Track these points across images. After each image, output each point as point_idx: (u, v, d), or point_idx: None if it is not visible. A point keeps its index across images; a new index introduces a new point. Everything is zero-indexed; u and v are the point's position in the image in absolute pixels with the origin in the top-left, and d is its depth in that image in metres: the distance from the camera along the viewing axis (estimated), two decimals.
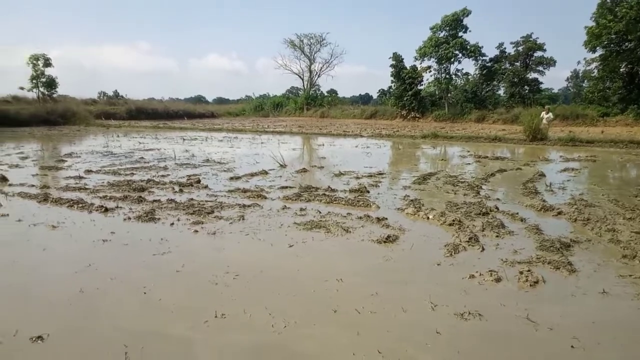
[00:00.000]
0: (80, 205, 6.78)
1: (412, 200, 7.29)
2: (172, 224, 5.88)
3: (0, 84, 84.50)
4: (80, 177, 9.40)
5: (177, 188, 8.24)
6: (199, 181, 8.91)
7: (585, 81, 43.66)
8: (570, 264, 4.42)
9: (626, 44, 29.89)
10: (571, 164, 12.39)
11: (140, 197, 7.30)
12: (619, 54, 30.67)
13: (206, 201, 7.14)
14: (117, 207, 6.73)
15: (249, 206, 6.87)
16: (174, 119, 40.27)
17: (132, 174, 9.99)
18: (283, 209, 6.75)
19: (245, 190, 8.06)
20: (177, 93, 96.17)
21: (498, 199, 7.65)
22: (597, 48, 31.55)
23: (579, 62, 50.34)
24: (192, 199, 7.26)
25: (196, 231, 5.57)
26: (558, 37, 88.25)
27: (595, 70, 34.50)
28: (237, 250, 4.97)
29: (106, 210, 6.52)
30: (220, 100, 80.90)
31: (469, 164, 12.67)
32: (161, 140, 20.00)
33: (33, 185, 8.45)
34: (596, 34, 30.28)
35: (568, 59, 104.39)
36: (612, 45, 30.49)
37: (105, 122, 31.30)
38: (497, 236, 5.39)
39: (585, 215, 6.26)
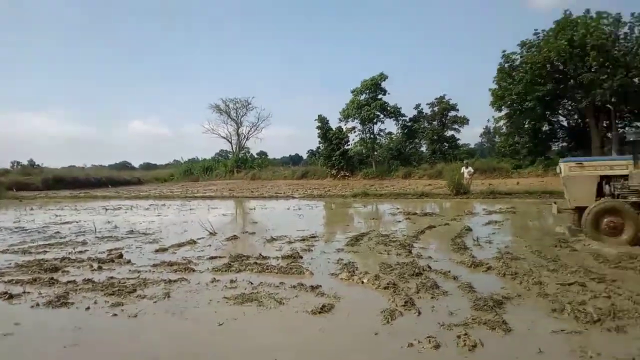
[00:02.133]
0: None
1: (345, 264, 7.18)
2: (88, 307, 5.32)
3: None
4: None
5: (95, 265, 7.59)
6: (120, 256, 8.30)
7: (497, 137, 47.37)
8: (505, 322, 4.43)
9: (526, 103, 32.95)
10: (494, 217, 13.00)
11: (52, 278, 6.62)
12: (521, 112, 33.70)
13: (128, 278, 6.61)
14: (24, 292, 6.02)
15: (175, 281, 6.42)
16: (96, 188, 38.24)
17: (45, 251, 9.14)
18: (212, 282, 6.37)
19: (171, 264, 7.57)
20: (101, 159, 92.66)
21: (430, 257, 7.73)
22: (502, 107, 34.56)
23: (488, 120, 54.60)
24: (112, 277, 6.69)
25: (115, 315, 5.06)
26: (469, 97, 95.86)
27: (504, 127, 37.62)
28: (161, 333, 4.54)
29: (11, 297, 5.80)
30: (148, 166, 78.46)
31: (400, 221, 12.91)
32: (81, 211, 18.76)
33: None
34: (499, 96, 33.31)
35: (480, 116, 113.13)
36: (514, 104, 33.50)
37: (18, 194, 29.12)
38: (432, 297, 5.36)
39: (512, 269, 6.44)
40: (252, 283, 6.22)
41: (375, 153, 42.60)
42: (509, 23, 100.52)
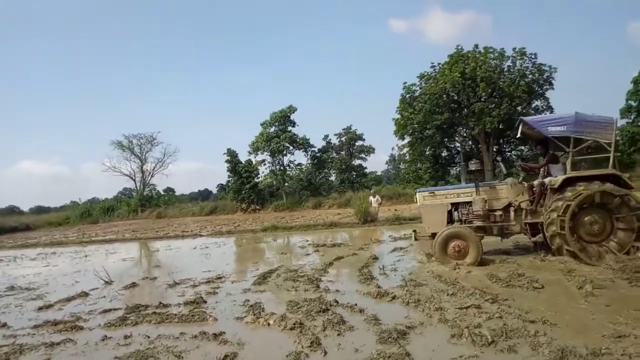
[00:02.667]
0: None
1: (252, 306, 6.86)
2: None
3: None
4: None
5: None
6: None
7: (402, 164, 49.92)
8: (408, 354, 4.42)
9: (426, 131, 35.23)
10: (399, 243, 13.37)
11: None
12: (422, 140, 35.98)
13: (0, 346, 5.76)
14: None
15: (58, 344, 5.70)
16: None
17: None
18: (103, 340, 5.74)
19: (56, 322, 6.75)
20: None
21: (337, 290, 7.67)
22: (405, 136, 36.58)
23: (393, 148, 57.74)
24: None
25: None
26: (374, 126, 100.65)
27: (407, 155, 39.81)
28: None
29: None
30: (40, 209, 71.82)
31: (309, 254, 12.82)
32: None
33: None
34: (402, 125, 35.28)
35: (384, 144, 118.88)
36: (416, 133, 35.67)
37: None
38: (338, 334, 5.25)
39: (415, 297, 6.55)
40: (149, 337, 5.71)
41: (286, 185, 42.75)
42: (410, 55, 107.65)
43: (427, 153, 37.29)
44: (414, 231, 10.51)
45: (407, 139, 37.37)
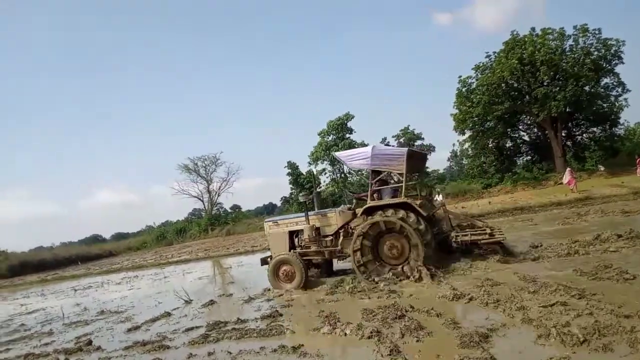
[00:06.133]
0: None
1: (327, 316, 6.88)
2: None
3: None
4: None
5: (62, 358, 7.09)
6: (89, 343, 7.80)
7: (464, 159, 48.42)
8: (494, 358, 4.26)
9: (487, 123, 33.99)
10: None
11: None
12: (484, 133, 34.75)
13: None
14: None
15: None
16: (66, 267, 36.76)
17: (8, 349, 8.54)
18: (188, 358, 5.99)
19: (144, 343, 7.14)
20: (70, 236, 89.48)
21: (411, 294, 7.55)
22: (465, 130, 35.50)
23: (454, 144, 56.23)
24: None
25: None
26: (432, 124, 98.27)
27: (470, 149, 38.56)
28: None
29: None
30: (120, 236, 76.25)
31: None
32: (48, 296, 17.83)
33: None
34: (461, 119, 34.24)
35: (445, 140, 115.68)
36: (476, 126, 34.51)
37: None
38: (417, 340, 5.15)
39: (494, 297, 6.31)
40: (231, 353, 5.89)
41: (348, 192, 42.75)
42: (461, 47, 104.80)
43: (490, 146, 35.92)
44: (262, 258, 10.94)
45: (468, 133, 36.26)
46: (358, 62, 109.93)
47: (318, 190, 41.48)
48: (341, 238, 9.77)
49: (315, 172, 42.28)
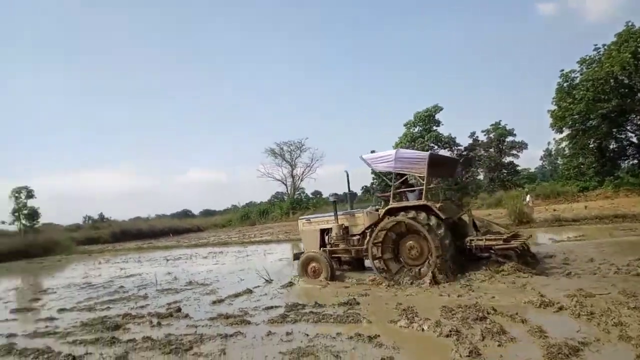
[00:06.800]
0: (47, 355, 6.22)
1: (404, 310, 6.83)
2: None
3: None
4: (52, 319, 8.85)
5: (155, 321, 7.71)
6: (179, 310, 8.43)
7: (559, 158, 45.22)
8: None
9: (590, 122, 31.37)
10: (563, 246, 12.16)
11: (114, 337, 6.76)
12: (585, 132, 32.11)
13: (185, 335, 6.62)
14: (87, 353, 6.17)
15: (231, 336, 6.37)
16: (159, 237, 39.80)
17: (109, 307, 9.46)
18: (268, 335, 6.26)
19: (227, 316, 7.56)
20: (164, 209, 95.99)
21: (493, 296, 7.26)
22: (564, 128, 33.06)
23: (549, 143, 52.63)
24: (170, 334, 6.73)
25: None
26: (525, 121, 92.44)
27: (567, 149, 35.88)
28: None
29: (74, 359, 5.95)
30: (207, 213, 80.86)
31: None
32: (144, 263, 19.44)
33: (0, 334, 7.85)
34: (560, 117, 31.90)
35: (539, 138, 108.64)
36: (576, 124, 31.98)
37: (87, 249, 30.69)
38: (499, 345, 4.97)
39: (588, 309, 5.89)
40: (308, 335, 6.05)
41: (431, 185, 41.74)
42: (564, 40, 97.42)
43: (590, 146, 33.14)
44: (294, 254, 11.57)
45: (566, 132, 33.70)
46: (451, 52, 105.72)
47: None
48: (368, 237, 9.82)
49: (348, 173, 41.65)
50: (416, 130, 40.70)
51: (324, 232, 10.95)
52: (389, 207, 9.57)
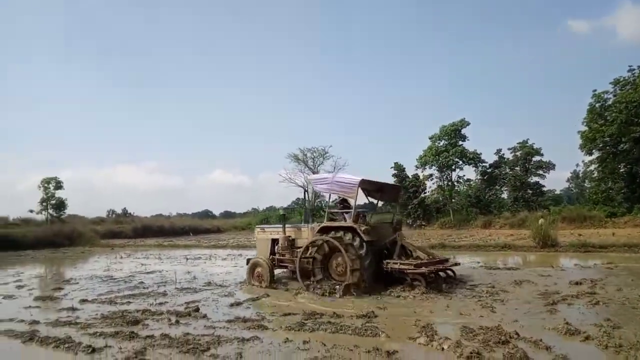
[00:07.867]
0: (67, 345, 6.32)
1: (423, 327, 6.73)
2: None
3: (11, 207, 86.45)
4: (74, 309, 9.01)
5: (173, 319, 7.78)
6: (197, 309, 8.48)
7: (587, 182, 44.13)
8: None
9: (621, 145, 30.59)
10: (588, 273, 11.83)
11: (133, 332, 6.83)
12: (616, 155, 31.32)
13: (203, 335, 6.65)
14: (106, 346, 6.25)
15: (248, 340, 6.36)
16: (180, 236, 40.27)
17: (129, 302, 9.60)
18: (285, 342, 6.23)
19: (245, 320, 7.57)
20: (185, 208, 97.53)
21: (516, 320, 7.10)
22: (594, 150, 32.32)
23: (577, 165, 51.52)
24: (187, 333, 6.77)
25: None
26: (554, 140, 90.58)
27: (595, 172, 34.99)
28: None
29: (93, 350, 6.04)
30: (227, 214, 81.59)
31: (480, 277, 12.11)
32: (164, 260, 19.68)
33: (23, 321, 8.02)
34: (590, 138, 31.24)
35: (566, 160, 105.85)
36: (607, 147, 31.24)
37: (110, 242, 31.25)
38: None
39: (616, 340, 5.70)
40: (325, 345, 6.00)
41: (453, 201, 41.19)
42: (597, 59, 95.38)
43: (620, 170, 32.29)
44: (247, 259, 12.22)
45: (596, 154, 32.96)
46: (483, 67, 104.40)
47: (422, 195, 40.64)
48: (302, 250, 10.49)
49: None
50: (441, 144, 40.29)
51: (275, 241, 11.72)
52: (322, 225, 10.50)
